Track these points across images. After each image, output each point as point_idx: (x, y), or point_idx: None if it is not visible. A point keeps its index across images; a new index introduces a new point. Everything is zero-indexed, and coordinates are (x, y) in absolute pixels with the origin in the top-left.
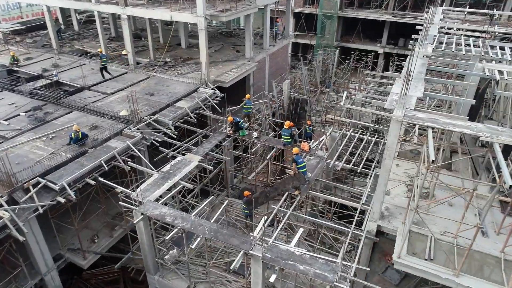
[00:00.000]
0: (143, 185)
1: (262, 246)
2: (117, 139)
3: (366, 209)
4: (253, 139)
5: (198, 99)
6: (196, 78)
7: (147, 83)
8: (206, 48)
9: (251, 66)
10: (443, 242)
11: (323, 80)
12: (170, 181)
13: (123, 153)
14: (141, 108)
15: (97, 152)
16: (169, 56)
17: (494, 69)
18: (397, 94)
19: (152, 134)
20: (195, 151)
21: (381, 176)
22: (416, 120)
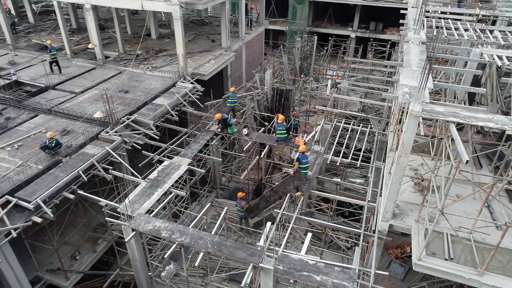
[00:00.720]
0: (131, 195)
1: (272, 257)
2: (93, 144)
3: (371, 207)
4: (243, 137)
5: (178, 95)
6: (173, 72)
7: (119, 79)
8: (183, 39)
9: (229, 56)
10: (459, 239)
11: (302, 68)
12: (160, 189)
13: (102, 160)
14: (116, 108)
15: (73, 161)
16: (140, 48)
17: (493, 54)
18: (407, 86)
19: (132, 136)
20: (183, 153)
21: (396, 175)
22: (436, 115)
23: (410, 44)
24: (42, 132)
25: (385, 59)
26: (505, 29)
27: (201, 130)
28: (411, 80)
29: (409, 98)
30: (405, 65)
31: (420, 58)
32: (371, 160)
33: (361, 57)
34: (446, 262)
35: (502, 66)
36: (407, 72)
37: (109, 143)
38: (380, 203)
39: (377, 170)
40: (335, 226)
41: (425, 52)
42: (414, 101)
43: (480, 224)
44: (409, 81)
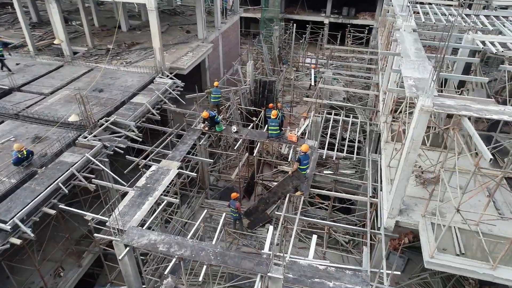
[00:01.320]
0: (120, 206)
1: (281, 265)
2: (71, 151)
3: (373, 202)
4: (232, 134)
5: (158, 92)
6: (149, 67)
7: (91, 77)
8: (159, 32)
9: (207, 47)
10: (468, 232)
11: (280, 57)
12: (151, 197)
13: (83, 168)
14: (92, 109)
15: (50, 172)
16: (110, 42)
17: (484, 40)
18: (411, 78)
19: (112, 140)
20: (171, 156)
21: (404, 171)
22: (448, 109)
23: (403, 33)
24: (11, 140)
25: (362, 45)
26: (489, 13)
27: (186, 129)
28: (413, 71)
29: (416, 92)
30: (403, 55)
31: (416, 47)
32: (362, 151)
33: (339, 44)
34: (458, 258)
35: (496, 52)
36: (407, 63)
37: (89, 149)
38: (382, 198)
39: (373, 162)
40: (340, 226)
41: (419, 40)
42: (423, 95)
43: (485, 215)
44: (412, 72)
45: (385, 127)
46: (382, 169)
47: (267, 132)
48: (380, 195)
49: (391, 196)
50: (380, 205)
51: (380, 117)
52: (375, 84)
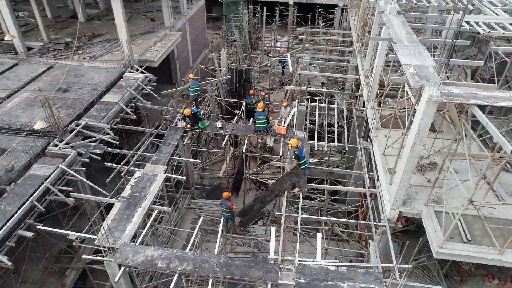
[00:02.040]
0: (107, 220)
1: (292, 270)
2: (41, 163)
3: (373, 193)
4: (217, 130)
5: (130, 89)
6: (117, 61)
7: (52, 75)
8: (125, 22)
9: (176, 36)
10: (471, 218)
11: (251, 42)
12: (140, 208)
13: (58, 181)
14: (59, 112)
15: (21, 188)
16: (68, 35)
17: (469, 20)
18: (411, 66)
19: (86, 146)
20: (155, 160)
21: (409, 162)
22: (456, 99)
23: (389, 16)
24: None
25: (332, 27)
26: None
27: (165, 128)
28: (411, 58)
29: (421, 81)
30: (396, 41)
31: (406, 30)
32: (348, 138)
33: (310, 27)
34: (467, 246)
35: (484, 33)
36: (402, 49)
37: (61, 159)
38: (380, 188)
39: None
40: (344, 221)
41: (407, 23)
42: (430, 84)
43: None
44: (410, 59)
45: (373, 113)
46: (377, 157)
47: (254, 125)
48: (378, 184)
49: (394, 188)
50: (380, 195)
51: (366, 103)
52: (354, 68)
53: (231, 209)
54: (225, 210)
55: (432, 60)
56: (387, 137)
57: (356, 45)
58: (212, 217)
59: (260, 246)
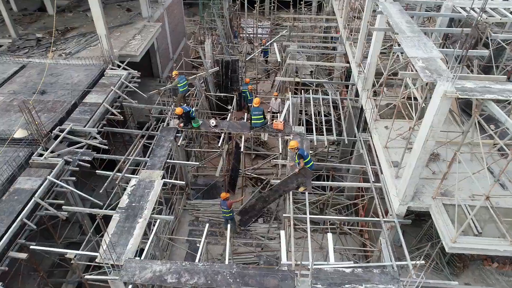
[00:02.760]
0: (106, 236)
1: (308, 276)
2: (26, 175)
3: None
4: (211, 129)
5: (113, 88)
6: (96, 57)
7: (25, 75)
8: (103, 16)
9: (155, 28)
10: (481, 209)
11: (232, 30)
12: (141, 219)
13: (47, 194)
14: (39, 117)
15: (7, 205)
16: (38, 30)
17: (465, 6)
18: (419, 59)
19: (73, 152)
20: (150, 164)
21: (420, 159)
22: (472, 94)
23: (385, 4)
24: None
25: (311, 12)
26: None
27: (160, 129)
28: (417, 50)
29: (432, 76)
30: (398, 31)
31: (406, 19)
32: (342, 129)
33: (293, 12)
34: (478, 239)
35: (481, 20)
36: (405, 40)
37: (48, 169)
38: (385, 182)
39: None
40: (353, 219)
41: (404, 11)
42: (443, 79)
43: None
44: (416, 51)
45: (370, 103)
46: (378, 150)
47: (250, 122)
48: (382, 178)
49: (403, 183)
50: (386, 190)
51: (361, 93)
52: (342, 55)
53: (231, 208)
54: (225, 210)
55: (438, 52)
56: (387, 129)
57: (343, 31)
58: (210, 217)
59: (262, 245)
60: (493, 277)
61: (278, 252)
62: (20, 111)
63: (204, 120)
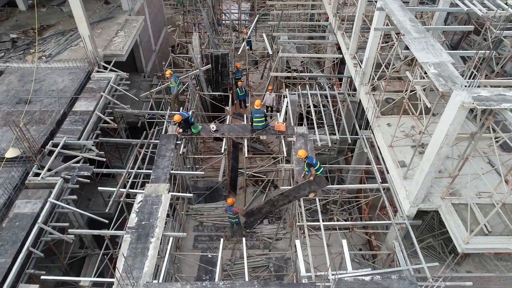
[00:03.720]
0: (120, 261)
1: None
2: (24, 197)
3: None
4: (211, 134)
5: (103, 93)
6: (80, 59)
7: (5, 83)
8: (85, 16)
9: (138, 22)
10: (482, 205)
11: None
12: (153, 238)
13: (49, 217)
14: (27, 129)
15: (9, 233)
16: (10, 29)
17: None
18: (431, 65)
19: (70, 168)
20: (154, 177)
21: (433, 165)
22: (488, 103)
23: None
24: None
25: None
26: None
27: (159, 137)
28: (426, 53)
29: (447, 84)
30: (403, 32)
31: (409, 17)
32: (341, 125)
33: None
34: (489, 238)
35: (482, 15)
36: (413, 42)
37: (46, 189)
38: (392, 182)
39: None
40: (366, 223)
41: (405, 7)
42: (458, 88)
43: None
44: (425, 55)
45: (369, 99)
46: (383, 150)
47: (251, 124)
48: (389, 178)
49: (415, 186)
50: (394, 191)
51: (358, 87)
52: (333, 45)
53: (237, 214)
54: (232, 216)
55: (447, 55)
56: (390, 126)
57: (333, 19)
58: (214, 221)
59: (270, 247)
60: (492, 263)
61: (286, 253)
62: (6, 125)
63: (204, 125)
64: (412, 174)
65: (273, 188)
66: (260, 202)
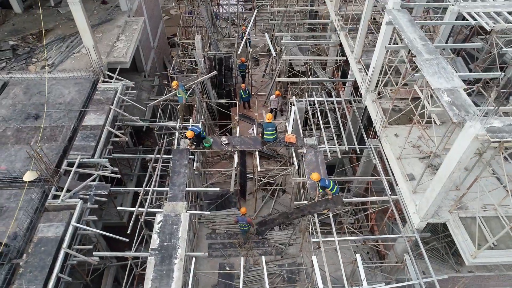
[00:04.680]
0: (147, 284)
1: None
2: (46, 220)
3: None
4: (223, 148)
5: (112, 106)
6: (84, 68)
7: (11, 96)
8: (89, 27)
9: (139, 24)
10: (487, 217)
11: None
12: (177, 259)
13: (73, 240)
14: (39, 148)
15: (36, 259)
16: (8, 34)
17: (470, 11)
18: (444, 92)
19: (87, 187)
20: (171, 196)
21: (445, 186)
22: (501, 135)
23: (394, 13)
24: None
25: None
26: None
27: (172, 152)
28: (439, 78)
29: (461, 114)
30: (414, 52)
31: (419, 35)
32: (346, 130)
33: None
34: (495, 251)
35: (492, 28)
36: (425, 65)
37: (66, 210)
38: (401, 195)
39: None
40: (376, 237)
41: (414, 22)
42: (471, 118)
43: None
44: (438, 80)
45: (371, 106)
46: (392, 162)
47: (262, 136)
48: (398, 190)
49: (426, 204)
50: (403, 205)
51: (364, 94)
52: (336, 45)
53: (250, 223)
54: (243, 225)
55: (459, 79)
56: (397, 137)
57: (335, 18)
58: (226, 229)
59: (283, 253)
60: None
61: (297, 258)
62: (18, 143)
63: (215, 138)
64: (421, 188)
65: (282, 193)
66: (270, 208)
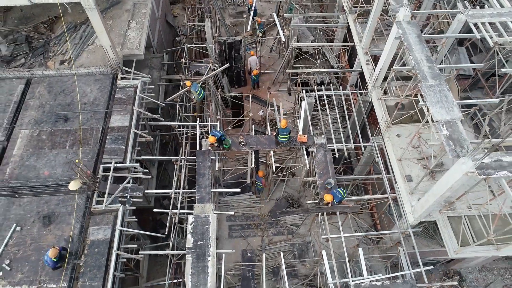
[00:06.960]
0: (187, 277)
1: None
2: (94, 224)
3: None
4: (240, 148)
5: (134, 107)
6: (101, 64)
7: (37, 96)
8: (106, 29)
9: (147, 6)
10: (471, 216)
11: None
12: (210, 257)
13: (120, 240)
14: (75, 152)
15: (92, 259)
16: (18, 23)
17: (477, 21)
18: (443, 124)
19: (124, 190)
20: (199, 198)
21: (437, 201)
22: (488, 172)
23: (404, 27)
24: (17, 231)
25: None
26: None
27: (196, 153)
28: (441, 108)
29: (456, 150)
30: (420, 76)
31: (426, 56)
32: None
33: None
34: (475, 248)
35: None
36: (429, 93)
37: (109, 214)
38: (400, 194)
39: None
40: (375, 233)
41: (422, 37)
42: (465, 154)
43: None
44: (439, 111)
45: (377, 103)
46: (393, 162)
47: (276, 137)
48: (397, 188)
49: (421, 208)
50: (401, 203)
51: (370, 89)
52: (344, 27)
53: (263, 184)
54: (259, 183)
55: (458, 109)
56: (399, 137)
57: (345, 0)
58: (243, 211)
59: (294, 233)
60: None
61: (306, 237)
62: (55, 147)
63: (233, 138)
64: (418, 190)
65: (291, 176)
66: (281, 191)
